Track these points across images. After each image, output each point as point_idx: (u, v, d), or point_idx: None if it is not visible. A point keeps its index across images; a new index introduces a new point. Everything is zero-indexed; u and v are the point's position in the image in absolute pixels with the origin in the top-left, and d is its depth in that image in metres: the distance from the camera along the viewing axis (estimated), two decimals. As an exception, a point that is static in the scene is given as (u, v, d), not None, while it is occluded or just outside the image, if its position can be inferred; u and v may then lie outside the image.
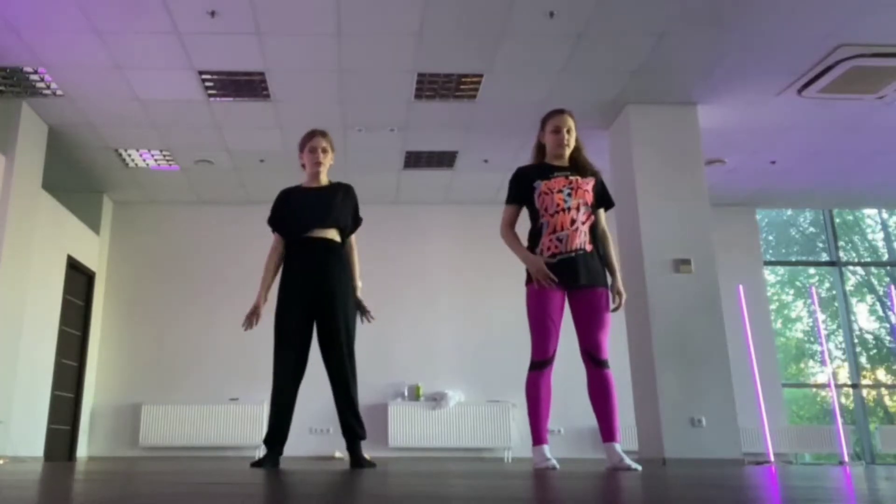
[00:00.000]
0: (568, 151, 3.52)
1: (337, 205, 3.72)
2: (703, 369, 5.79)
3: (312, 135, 3.81)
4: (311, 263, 3.62)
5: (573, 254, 3.34)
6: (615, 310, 3.41)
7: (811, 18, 5.04)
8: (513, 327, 8.12)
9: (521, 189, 3.51)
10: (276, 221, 3.78)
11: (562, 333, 3.41)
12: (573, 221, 3.36)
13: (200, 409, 7.88)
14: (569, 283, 3.35)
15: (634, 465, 3.21)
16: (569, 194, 3.39)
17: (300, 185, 3.84)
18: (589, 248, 3.36)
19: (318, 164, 3.76)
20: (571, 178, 3.45)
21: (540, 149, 3.61)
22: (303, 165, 3.84)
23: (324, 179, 3.81)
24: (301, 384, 3.65)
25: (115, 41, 5.29)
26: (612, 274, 3.46)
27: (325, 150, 3.78)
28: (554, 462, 3.31)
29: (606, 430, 3.31)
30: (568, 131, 3.51)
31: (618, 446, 3.28)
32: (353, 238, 3.83)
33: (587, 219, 3.40)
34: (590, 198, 3.42)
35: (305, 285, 3.60)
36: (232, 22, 5.06)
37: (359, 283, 3.75)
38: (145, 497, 1.37)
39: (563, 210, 3.37)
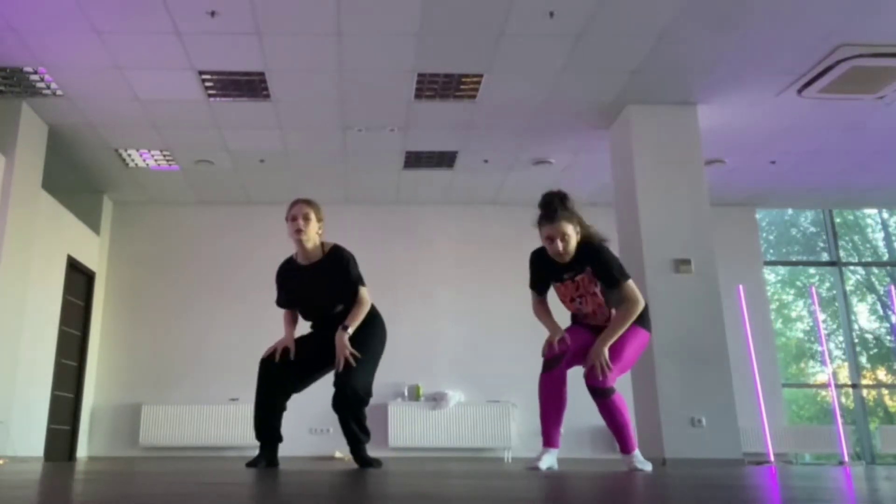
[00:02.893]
0: (567, 258, 3.29)
1: (332, 288, 3.56)
2: (703, 369, 5.79)
3: (293, 203, 3.59)
4: (327, 334, 3.61)
5: (595, 322, 3.42)
6: (597, 375, 3.21)
7: (811, 18, 5.04)
8: (513, 327, 8.12)
9: (539, 281, 3.48)
10: (283, 304, 3.73)
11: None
12: (593, 314, 3.38)
13: (200, 409, 7.87)
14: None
15: (641, 467, 3.26)
16: (581, 302, 3.34)
17: (294, 260, 3.66)
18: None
19: (297, 231, 3.51)
20: (577, 279, 3.31)
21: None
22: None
23: (312, 250, 3.58)
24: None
25: (115, 41, 5.29)
26: (601, 333, 3.27)
27: (306, 218, 3.52)
28: (540, 465, 3.23)
29: (619, 444, 3.40)
30: (562, 238, 3.24)
31: (632, 455, 3.33)
32: (363, 292, 3.61)
33: (604, 306, 3.34)
34: (599, 298, 3.30)
35: (321, 342, 3.64)
36: (232, 22, 5.06)
37: (349, 330, 3.51)
38: (145, 497, 1.36)
39: (582, 313, 3.41)
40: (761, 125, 6.70)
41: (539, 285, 3.48)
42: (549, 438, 3.32)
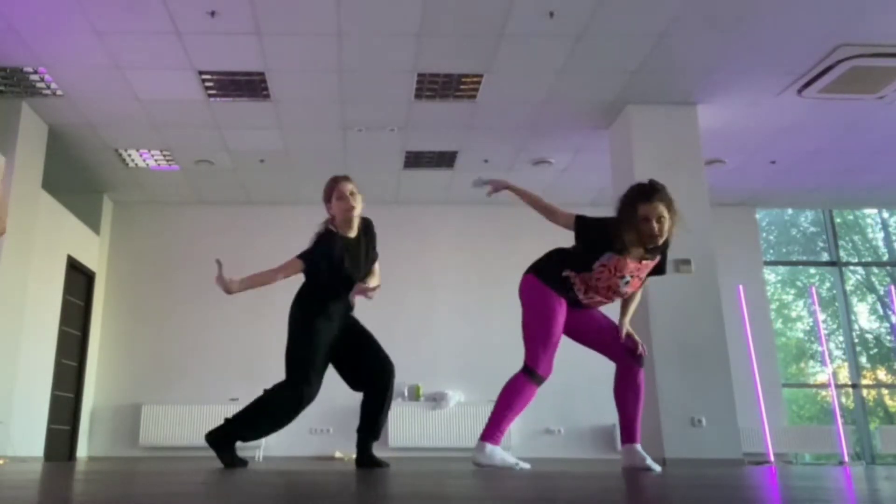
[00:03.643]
0: (658, 242, 3.12)
1: (368, 256, 3.76)
2: (703, 369, 5.79)
3: (336, 181, 3.64)
4: (346, 310, 3.71)
5: (594, 304, 3.34)
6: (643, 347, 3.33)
7: (811, 18, 5.04)
8: (513, 327, 8.11)
9: (595, 245, 3.17)
10: (316, 264, 3.57)
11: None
12: (603, 301, 3.31)
13: (200, 409, 7.87)
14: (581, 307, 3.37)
15: (654, 466, 3.20)
16: (626, 283, 3.19)
17: (336, 234, 3.63)
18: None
19: (351, 209, 3.59)
20: (643, 262, 3.17)
21: (629, 228, 3.09)
22: (332, 216, 3.65)
23: (356, 226, 3.69)
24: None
25: (115, 41, 5.29)
26: (623, 316, 3.35)
27: (353, 194, 3.62)
28: (523, 465, 3.29)
29: (629, 431, 3.28)
30: (659, 220, 3.05)
31: (639, 447, 3.28)
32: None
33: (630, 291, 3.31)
34: (638, 283, 3.26)
35: (338, 326, 3.67)
36: (232, 22, 5.06)
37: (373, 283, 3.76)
38: (145, 497, 1.36)
39: (611, 291, 3.22)
40: (761, 125, 6.70)
41: (590, 246, 3.16)
42: (499, 439, 3.32)
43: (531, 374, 3.26)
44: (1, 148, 6.08)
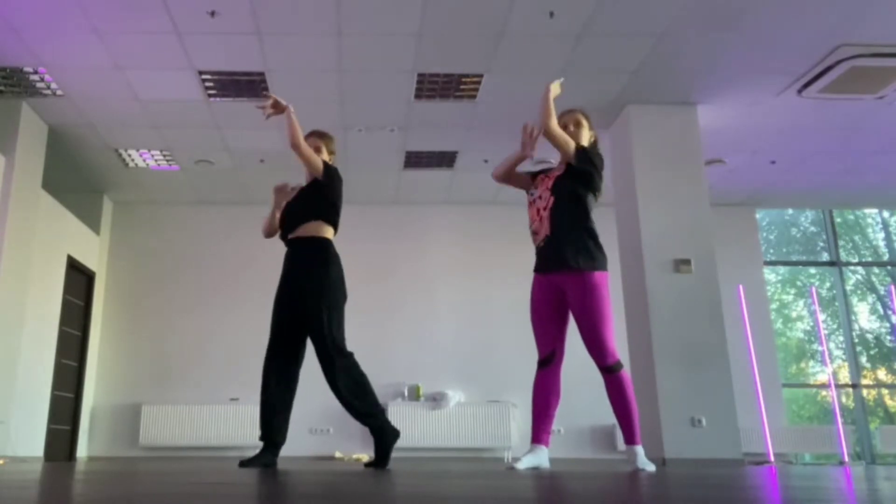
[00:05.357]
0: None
1: (309, 197, 3.71)
2: (703, 369, 5.79)
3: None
4: (289, 265, 3.66)
5: (541, 243, 3.43)
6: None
7: (811, 18, 5.04)
8: (513, 327, 8.12)
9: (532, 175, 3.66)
10: (334, 183, 3.80)
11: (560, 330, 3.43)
12: (538, 210, 3.47)
13: (200, 409, 7.87)
14: (542, 269, 3.42)
15: (644, 468, 3.21)
16: (538, 197, 3.52)
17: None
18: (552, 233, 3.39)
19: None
20: (547, 176, 3.53)
21: None
22: None
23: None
24: (298, 384, 3.62)
25: (115, 41, 5.29)
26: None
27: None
28: (519, 465, 3.20)
29: (623, 433, 3.31)
30: (575, 124, 3.59)
31: (637, 449, 3.27)
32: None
33: (549, 205, 3.41)
34: (550, 198, 3.41)
35: (286, 289, 3.63)
36: (232, 22, 5.06)
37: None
38: (145, 497, 1.36)
39: (532, 206, 3.55)
40: (761, 125, 6.70)
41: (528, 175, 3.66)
42: (539, 436, 3.32)
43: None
44: (1, 148, 6.09)
